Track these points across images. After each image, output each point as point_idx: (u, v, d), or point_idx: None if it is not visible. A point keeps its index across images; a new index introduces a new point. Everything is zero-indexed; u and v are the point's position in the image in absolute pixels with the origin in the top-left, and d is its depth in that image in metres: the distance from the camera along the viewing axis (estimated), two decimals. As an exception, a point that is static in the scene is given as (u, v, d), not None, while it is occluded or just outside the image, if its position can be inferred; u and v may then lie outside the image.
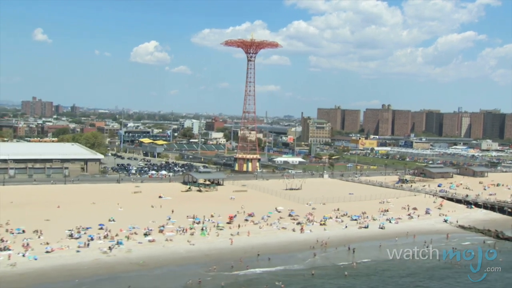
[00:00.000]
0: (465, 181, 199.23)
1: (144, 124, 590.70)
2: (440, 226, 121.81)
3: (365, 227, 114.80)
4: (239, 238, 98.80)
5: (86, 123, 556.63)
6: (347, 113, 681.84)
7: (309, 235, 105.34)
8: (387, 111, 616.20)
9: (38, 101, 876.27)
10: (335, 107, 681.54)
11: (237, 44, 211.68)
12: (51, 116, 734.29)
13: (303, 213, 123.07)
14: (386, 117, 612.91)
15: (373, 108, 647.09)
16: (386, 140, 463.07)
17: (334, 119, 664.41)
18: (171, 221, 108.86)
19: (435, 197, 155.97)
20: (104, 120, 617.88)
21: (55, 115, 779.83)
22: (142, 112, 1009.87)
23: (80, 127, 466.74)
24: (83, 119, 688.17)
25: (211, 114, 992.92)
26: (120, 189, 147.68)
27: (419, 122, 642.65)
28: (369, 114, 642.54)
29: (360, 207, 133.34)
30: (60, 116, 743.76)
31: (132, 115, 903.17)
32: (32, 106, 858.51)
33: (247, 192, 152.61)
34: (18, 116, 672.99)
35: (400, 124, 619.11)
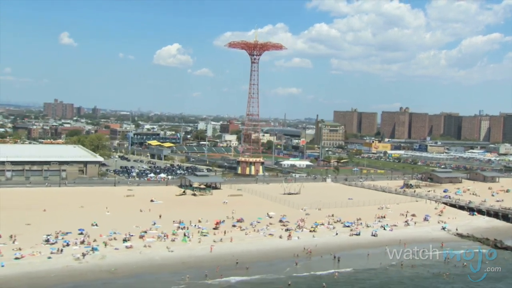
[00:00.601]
0: (474, 186, 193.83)
1: (161, 126, 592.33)
2: (437, 234, 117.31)
3: (357, 234, 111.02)
4: (221, 245, 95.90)
5: (102, 125, 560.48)
6: (363, 116, 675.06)
7: (296, 242, 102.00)
8: (404, 114, 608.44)
9: (60, 103, 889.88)
10: (351, 110, 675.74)
11: (240, 46, 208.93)
12: (71, 118, 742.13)
13: (296, 219, 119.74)
14: (403, 120, 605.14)
15: (390, 111, 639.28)
16: (401, 144, 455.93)
17: (350, 122, 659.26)
18: (155, 226, 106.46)
19: (437, 203, 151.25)
20: (120, 122, 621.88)
21: (75, 117, 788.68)
22: (164, 114, 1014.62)
23: (95, 129, 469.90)
24: (102, 121, 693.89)
25: (232, 117, 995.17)
26: (114, 193, 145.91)
27: (437, 125, 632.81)
28: (386, 117, 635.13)
29: (356, 213, 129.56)
30: (80, 118, 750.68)
31: (152, 117, 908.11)
32: (53, 108, 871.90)
33: (242, 197, 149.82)
34: (39, 118, 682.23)
35: (417, 127, 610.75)
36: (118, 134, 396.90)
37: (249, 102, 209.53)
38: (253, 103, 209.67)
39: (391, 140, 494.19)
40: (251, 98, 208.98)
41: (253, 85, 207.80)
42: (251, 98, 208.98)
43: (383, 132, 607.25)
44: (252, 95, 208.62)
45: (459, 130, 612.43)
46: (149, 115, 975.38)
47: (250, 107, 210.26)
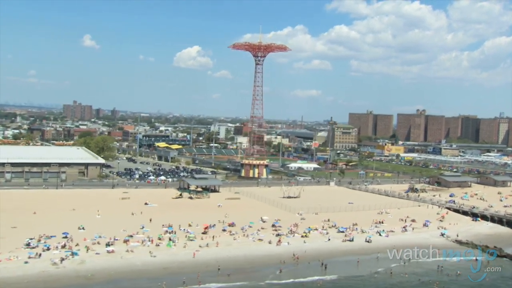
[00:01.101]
0: (484, 191, 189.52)
1: (175, 128, 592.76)
2: (434, 241, 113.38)
3: (350, 240, 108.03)
4: (207, 250, 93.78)
5: (116, 126, 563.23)
6: (379, 118, 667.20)
7: (285, 248, 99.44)
8: (419, 116, 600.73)
9: (78, 104, 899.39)
10: (367, 112, 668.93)
11: (244, 48, 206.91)
12: (89, 120, 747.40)
13: (290, 224, 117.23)
14: (418, 123, 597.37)
15: (406, 113, 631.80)
16: (415, 146, 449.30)
17: (365, 124, 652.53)
18: (144, 230, 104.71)
19: (440, 208, 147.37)
20: (136, 124, 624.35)
21: (93, 119, 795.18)
22: (182, 116, 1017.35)
23: (108, 131, 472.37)
24: (119, 122, 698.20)
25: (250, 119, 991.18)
26: (110, 195, 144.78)
27: (454, 128, 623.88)
28: (402, 119, 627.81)
29: (354, 218, 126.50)
30: (98, 120, 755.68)
31: (169, 119, 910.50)
32: (72, 109, 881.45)
33: (239, 200, 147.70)
34: (58, 119, 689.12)
35: (433, 130, 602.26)
36: (130, 136, 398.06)
37: (253, 104, 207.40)
38: (257, 105, 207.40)
39: (406, 143, 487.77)
40: (255, 100, 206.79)
41: (257, 87, 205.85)
42: (255, 100, 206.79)
43: (398, 134, 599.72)
44: (256, 97, 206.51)
45: (477, 133, 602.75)
46: (167, 116, 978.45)
47: (254, 109, 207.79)
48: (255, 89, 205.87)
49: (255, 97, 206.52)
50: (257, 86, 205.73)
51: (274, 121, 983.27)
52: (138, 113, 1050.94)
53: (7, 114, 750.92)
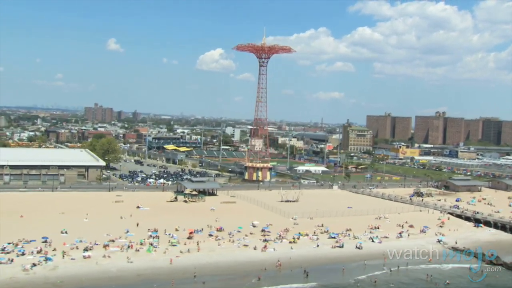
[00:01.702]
0: (494, 195, 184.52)
1: (192, 130, 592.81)
2: (429, 248, 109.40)
3: (340, 247, 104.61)
4: (188, 256, 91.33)
5: (132, 129, 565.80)
6: (397, 121, 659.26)
7: (270, 254, 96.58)
8: (438, 118, 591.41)
9: (99, 107, 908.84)
10: (385, 114, 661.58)
11: (248, 49, 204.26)
12: (109, 122, 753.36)
13: (282, 228, 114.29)
14: (437, 125, 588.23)
15: (424, 116, 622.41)
16: (431, 149, 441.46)
17: (383, 126, 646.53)
18: (128, 234, 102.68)
19: (442, 214, 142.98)
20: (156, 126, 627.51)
21: (113, 121, 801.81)
22: (205, 118, 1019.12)
23: (123, 133, 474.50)
24: (140, 124, 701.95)
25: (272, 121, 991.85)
26: (104, 198, 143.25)
27: (475, 130, 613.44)
28: (420, 121, 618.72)
29: (350, 223, 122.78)
30: (117, 122, 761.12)
31: (190, 121, 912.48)
32: (93, 112, 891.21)
33: (235, 204, 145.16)
34: (78, 122, 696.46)
35: (452, 133, 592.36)
36: (144, 138, 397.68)
37: (257, 106, 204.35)
38: (261, 107, 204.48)
39: (422, 146, 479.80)
40: (259, 102, 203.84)
41: (261, 88, 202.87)
42: (259, 102, 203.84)
43: (416, 137, 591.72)
44: (260, 99, 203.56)
45: (499, 135, 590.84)
46: (189, 119, 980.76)
47: (258, 111, 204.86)
48: (259, 91, 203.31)
49: (259, 99, 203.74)
50: (261, 88, 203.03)
51: (296, 123, 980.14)
52: (160, 116, 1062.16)
53: (30, 116, 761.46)
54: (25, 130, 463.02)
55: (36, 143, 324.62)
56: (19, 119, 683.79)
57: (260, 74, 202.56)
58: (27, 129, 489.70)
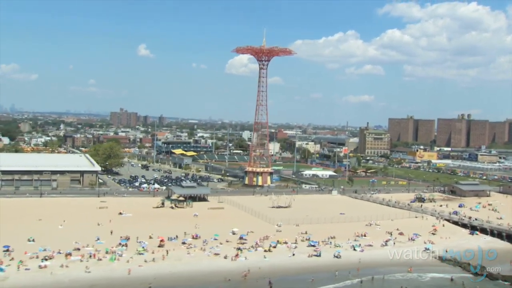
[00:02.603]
0: (502, 201, 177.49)
1: (212, 134, 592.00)
2: (414, 257, 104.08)
3: (317, 255, 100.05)
4: (151, 266, 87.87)
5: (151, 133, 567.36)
6: (420, 123, 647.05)
7: (240, 264, 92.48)
8: (460, 121, 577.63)
9: (124, 112, 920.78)
10: (407, 117, 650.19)
11: (248, 52, 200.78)
12: (134, 127, 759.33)
13: (262, 236, 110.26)
14: (459, 128, 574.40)
15: (446, 118, 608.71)
16: (451, 152, 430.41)
17: (405, 129, 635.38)
18: (98, 242, 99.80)
19: (438, 220, 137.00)
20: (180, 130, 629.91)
21: (139, 125, 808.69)
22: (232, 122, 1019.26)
23: (140, 137, 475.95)
24: (163, 129, 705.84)
25: (300, 124, 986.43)
26: (89, 204, 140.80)
27: (500, 133, 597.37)
28: (442, 124, 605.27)
29: (337, 230, 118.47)
30: (141, 126, 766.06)
31: (215, 125, 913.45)
32: (118, 117, 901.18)
33: (223, 210, 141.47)
34: (103, 126, 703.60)
35: (476, 135, 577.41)
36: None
37: (257, 110, 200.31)
38: (261, 110, 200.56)
39: (443, 149, 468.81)
40: (259, 106, 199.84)
41: (262, 92, 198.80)
42: (259, 106, 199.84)
43: (438, 140, 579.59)
44: (261, 102, 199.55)
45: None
46: (216, 123, 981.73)
47: (258, 115, 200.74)
48: (259, 94, 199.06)
49: (260, 103, 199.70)
50: (261, 91, 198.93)
51: (323, 126, 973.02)
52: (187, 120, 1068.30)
53: (57, 121, 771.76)
54: (45, 135, 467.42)
55: (48, 148, 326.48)
56: (46, 124, 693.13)
57: (260, 77, 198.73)
58: (48, 134, 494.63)
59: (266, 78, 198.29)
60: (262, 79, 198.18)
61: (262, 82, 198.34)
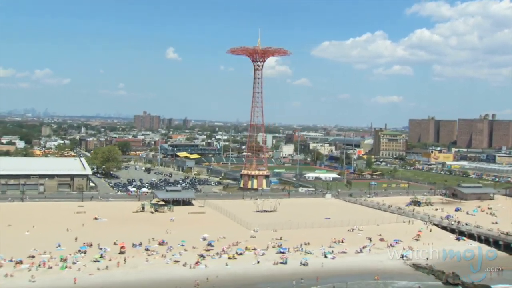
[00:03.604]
0: (505, 204, 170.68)
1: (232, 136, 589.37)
2: (387, 264, 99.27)
3: (283, 263, 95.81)
4: (103, 274, 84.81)
5: (168, 136, 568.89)
6: (442, 124, 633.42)
7: (198, 272, 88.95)
8: (482, 121, 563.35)
9: (147, 115, 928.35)
10: (428, 118, 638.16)
11: (242, 52, 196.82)
12: (156, 129, 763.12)
13: (233, 242, 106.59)
14: (481, 128, 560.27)
15: (467, 118, 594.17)
16: (468, 154, 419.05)
17: (426, 130, 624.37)
18: (58, 249, 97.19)
19: (426, 225, 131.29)
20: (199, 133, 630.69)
21: (161, 128, 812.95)
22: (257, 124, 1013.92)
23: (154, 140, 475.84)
24: (186, 131, 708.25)
25: (327, 126, 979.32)
26: (67, 209, 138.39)
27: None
28: (463, 125, 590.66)
29: (314, 236, 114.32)
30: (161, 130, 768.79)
31: (237, 127, 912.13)
32: (141, 119, 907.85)
33: (203, 214, 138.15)
34: (126, 129, 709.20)
35: (500, 136, 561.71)
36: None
37: (253, 111, 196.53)
38: (257, 112, 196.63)
39: (461, 150, 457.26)
40: (255, 108, 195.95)
41: (257, 93, 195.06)
42: (255, 108, 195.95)
43: (459, 141, 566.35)
44: (256, 104, 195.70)
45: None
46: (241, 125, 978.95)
47: (253, 116, 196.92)
48: (254, 96, 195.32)
49: (255, 104, 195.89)
50: (257, 93, 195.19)
51: (348, 128, 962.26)
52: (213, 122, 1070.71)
53: (80, 125, 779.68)
54: (62, 139, 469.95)
55: (58, 151, 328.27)
56: (69, 128, 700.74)
57: (255, 78, 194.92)
58: (66, 137, 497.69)
59: (261, 79, 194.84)
60: (257, 80, 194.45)
61: (257, 83, 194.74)
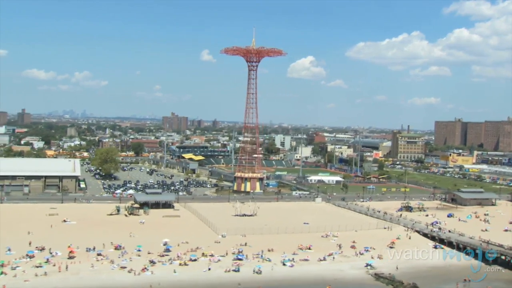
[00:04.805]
0: (505, 210, 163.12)
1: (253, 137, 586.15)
2: (348, 273, 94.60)
3: (236, 271, 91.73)
4: (39, 280, 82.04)
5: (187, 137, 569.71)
6: (469, 126, 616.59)
7: (142, 279, 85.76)
8: (509, 124, 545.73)
9: (175, 116, 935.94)
10: (454, 120, 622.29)
11: (236, 53, 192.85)
12: (183, 131, 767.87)
13: (195, 247, 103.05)
14: (508, 131, 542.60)
15: (494, 121, 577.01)
16: (490, 157, 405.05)
17: (452, 132, 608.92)
18: (7, 253, 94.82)
19: (406, 231, 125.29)
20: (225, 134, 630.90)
21: (188, 129, 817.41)
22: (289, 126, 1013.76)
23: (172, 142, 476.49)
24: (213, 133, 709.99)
25: (360, 128, 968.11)
26: (40, 211, 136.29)
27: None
28: (489, 127, 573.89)
29: (282, 241, 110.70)
30: (188, 131, 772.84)
31: (267, 129, 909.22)
32: (169, 121, 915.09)
33: (178, 218, 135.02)
34: (153, 131, 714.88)
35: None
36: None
37: (247, 113, 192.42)
38: (251, 113, 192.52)
39: (485, 153, 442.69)
40: (249, 109, 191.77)
41: (251, 94, 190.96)
42: (249, 109, 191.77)
43: (485, 143, 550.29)
44: (251, 105, 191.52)
45: None
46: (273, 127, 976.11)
47: (248, 117, 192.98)
48: (248, 96, 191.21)
49: (250, 105, 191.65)
50: (251, 93, 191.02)
51: (381, 130, 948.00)
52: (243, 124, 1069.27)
53: (109, 126, 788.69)
54: (83, 140, 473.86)
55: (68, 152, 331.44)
56: (97, 129, 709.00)
57: (250, 79, 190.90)
58: (85, 138, 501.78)
59: (255, 80, 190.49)
60: (251, 81, 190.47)
61: (251, 84, 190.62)
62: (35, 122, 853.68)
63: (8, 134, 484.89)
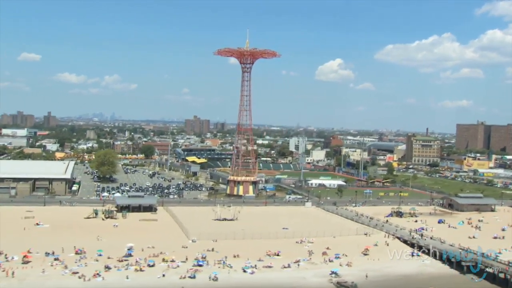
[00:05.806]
0: (502, 216, 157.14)
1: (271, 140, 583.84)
2: (310, 281, 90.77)
3: (191, 277, 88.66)
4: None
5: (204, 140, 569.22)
6: (493, 130, 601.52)
7: (92, 285, 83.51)
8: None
9: (197, 119, 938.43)
10: (477, 123, 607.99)
11: (229, 54, 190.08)
12: (204, 134, 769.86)
13: (159, 252, 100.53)
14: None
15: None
16: (508, 161, 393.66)
17: (474, 136, 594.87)
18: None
19: (386, 238, 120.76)
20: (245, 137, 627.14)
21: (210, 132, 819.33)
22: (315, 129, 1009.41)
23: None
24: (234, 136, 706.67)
25: (388, 131, 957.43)
26: (17, 213, 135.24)
27: None
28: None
29: (252, 247, 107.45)
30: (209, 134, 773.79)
31: (289, 132, 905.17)
32: (191, 124, 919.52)
33: (155, 222, 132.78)
34: (175, 133, 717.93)
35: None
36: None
37: (240, 115, 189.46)
38: (246, 116, 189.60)
39: (505, 157, 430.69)
40: (243, 111, 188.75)
41: (245, 96, 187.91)
42: (243, 111, 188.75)
43: (508, 147, 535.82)
44: (245, 107, 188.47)
45: None
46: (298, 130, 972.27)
47: (241, 120, 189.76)
48: (242, 99, 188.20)
49: (243, 108, 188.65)
50: (245, 96, 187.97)
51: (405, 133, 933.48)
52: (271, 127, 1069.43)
53: (132, 129, 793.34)
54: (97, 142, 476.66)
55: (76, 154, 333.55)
56: (119, 132, 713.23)
57: (243, 81, 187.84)
58: (102, 140, 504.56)
59: (249, 82, 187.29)
60: (245, 83, 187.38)
61: (245, 86, 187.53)
62: (60, 125, 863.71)
63: (28, 137, 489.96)
